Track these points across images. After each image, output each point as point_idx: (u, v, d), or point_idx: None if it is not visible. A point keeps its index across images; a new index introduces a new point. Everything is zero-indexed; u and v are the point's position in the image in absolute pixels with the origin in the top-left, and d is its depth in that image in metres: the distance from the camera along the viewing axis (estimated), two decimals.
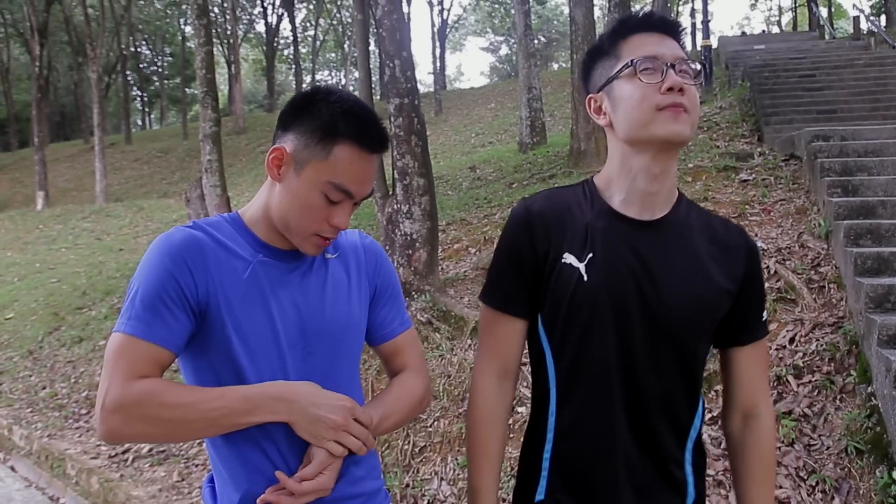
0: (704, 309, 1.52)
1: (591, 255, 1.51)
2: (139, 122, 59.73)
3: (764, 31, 41.88)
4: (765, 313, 1.64)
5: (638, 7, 46.23)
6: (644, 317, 1.50)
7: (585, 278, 1.50)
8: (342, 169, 1.50)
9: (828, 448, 4.01)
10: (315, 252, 1.60)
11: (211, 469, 1.67)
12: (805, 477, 3.87)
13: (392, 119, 6.42)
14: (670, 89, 1.45)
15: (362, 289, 1.72)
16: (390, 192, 6.73)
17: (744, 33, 34.84)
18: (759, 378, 1.65)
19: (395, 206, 6.45)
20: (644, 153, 1.50)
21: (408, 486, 4.62)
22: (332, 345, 1.63)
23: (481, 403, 1.65)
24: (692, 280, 1.51)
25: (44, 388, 8.34)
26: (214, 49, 13.09)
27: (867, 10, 30.77)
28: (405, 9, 35.43)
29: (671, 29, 1.54)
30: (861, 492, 3.75)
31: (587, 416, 1.54)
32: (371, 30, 13.22)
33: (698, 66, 1.51)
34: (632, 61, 1.48)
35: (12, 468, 6.80)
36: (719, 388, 4.54)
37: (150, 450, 6.00)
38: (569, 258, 1.52)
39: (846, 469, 3.87)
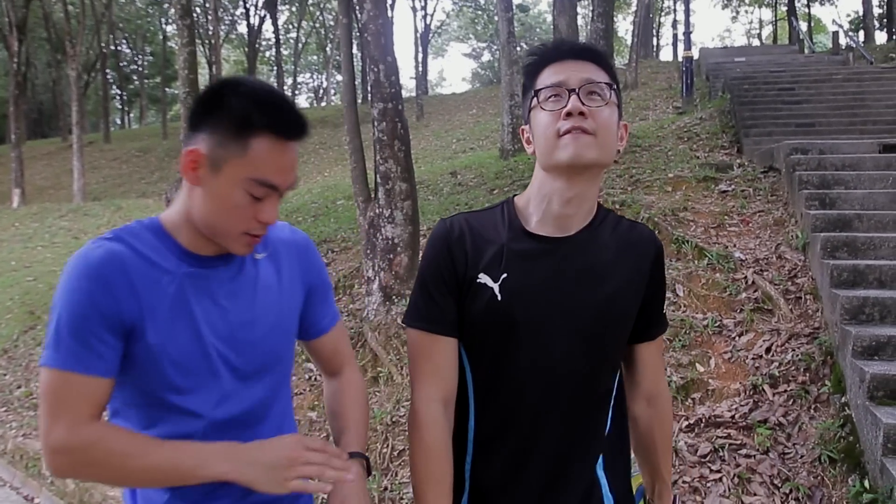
0: (617, 314, 1.57)
1: (504, 275, 1.53)
2: (118, 121, 59.22)
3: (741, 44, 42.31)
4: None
5: (620, 17, 46.59)
6: (558, 330, 1.53)
7: (499, 297, 1.52)
8: (262, 163, 1.40)
9: (802, 457, 4.06)
10: (246, 251, 1.52)
11: None
12: (779, 485, 3.92)
13: (376, 123, 6.43)
14: (569, 114, 1.47)
15: (294, 288, 1.67)
16: (372, 197, 6.74)
17: (726, 46, 35.18)
18: (659, 366, 1.80)
19: (377, 211, 6.46)
20: (558, 178, 1.53)
21: (386, 489, 4.62)
22: (265, 356, 1.59)
23: (432, 433, 1.56)
24: (603, 289, 1.55)
25: (19, 387, 8.25)
26: (196, 49, 13.02)
27: (846, 26, 31.23)
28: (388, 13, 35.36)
29: (585, 54, 1.55)
30: (833, 500, 3.81)
31: (503, 429, 1.57)
32: (355, 34, 13.22)
33: (608, 90, 1.52)
34: (535, 91, 1.54)
35: None
36: (696, 395, 4.59)
37: None
38: (483, 278, 1.54)
39: (819, 477, 3.93)
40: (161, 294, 1.45)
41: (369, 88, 6.57)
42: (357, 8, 6.77)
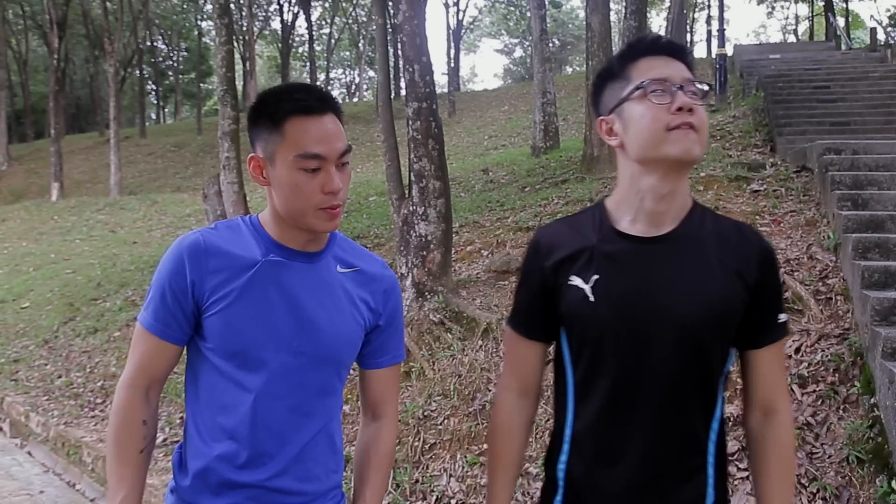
0: (715, 317, 1.54)
1: (596, 276, 1.57)
2: (153, 116, 59.97)
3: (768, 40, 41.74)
4: (783, 315, 1.64)
5: (654, 13, 46.17)
6: (652, 331, 1.54)
7: (591, 298, 1.56)
8: (299, 139, 1.61)
9: (829, 456, 4.09)
10: (331, 226, 1.68)
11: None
12: (806, 484, 3.95)
13: (410, 122, 6.53)
14: (680, 109, 1.49)
15: (368, 310, 1.80)
16: (406, 194, 6.84)
17: (760, 43, 34.76)
18: (778, 377, 1.68)
19: (411, 208, 6.56)
20: (654, 173, 1.55)
21: (417, 481, 4.72)
22: (325, 355, 1.72)
23: (501, 417, 1.76)
24: (701, 289, 1.53)
25: (59, 376, 8.47)
26: (233, 48, 13.20)
27: (885, 21, 30.70)
28: None
29: (679, 52, 1.59)
30: (861, 500, 3.83)
31: (599, 429, 1.60)
32: (389, 33, 13.32)
33: (706, 87, 1.56)
34: (642, 83, 1.54)
35: (29, 453, 6.94)
36: (725, 393, 4.63)
37: (165, 440, 6.12)
38: (575, 280, 1.59)
39: (847, 478, 3.95)
40: (239, 274, 1.68)
41: (402, 86, 6.67)
42: (392, 8, 6.86)
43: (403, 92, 6.66)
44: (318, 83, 44.05)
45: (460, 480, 4.62)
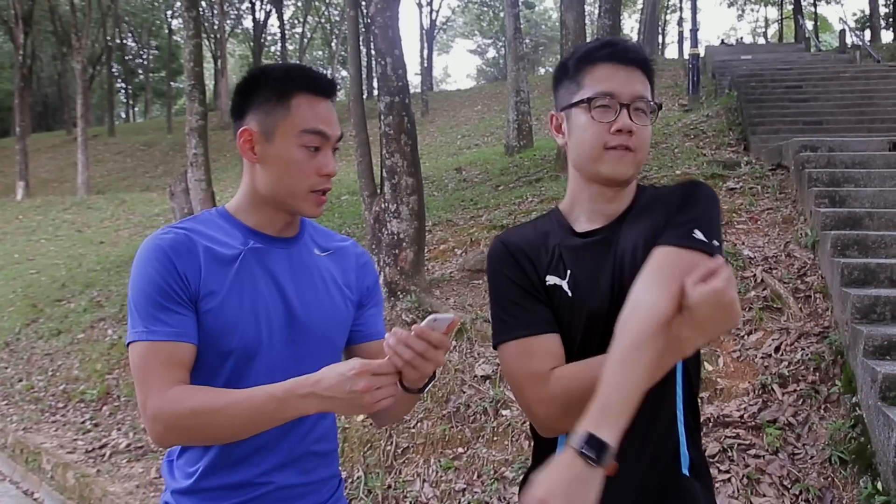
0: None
1: (569, 271, 1.56)
2: (123, 115, 59.27)
3: (731, 39, 42.08)
4: (698, 232, 1.45)
5: (626, 14, 46.50)
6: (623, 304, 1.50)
7: (570, 294, 1.55)
8: (307, 114, 1.59)
9: (812, 457, 4.01)
10: (317, 211, 1.65)
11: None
12: (789, 486, 3.87)
13: (382, 117, 6.38)
14: (619, 131, 1.50)
15: (351, 290, 1.78)
16: (378, 191, 6.69)
17: (723, 42, 35.00)
18: (660, 266, 1.45)
19: (383, 205, 6.42)
20: (592, 184, 1.58)
21: (389, 487, 4.58)
22: (317, 335, 1.67)
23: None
24: (645, 245, 1.51)
25: (20, 380, 8.23)
26: (202, 43, 12.97)
27: (852, 24, 31.08)
28: None
29: (638, 62, 1.56)
30: (844, 502, 3.76)
31: None
32: (361, 27, 13.17)
33: (655, 105, 1.55)
34: (589, 98, 1.53)
35: None
36: (704, 394, 4.55)
37: (128, 445, 5.94)
38: (551, 279, 1.57)
39: (830, 479, 3.88)
40: (224, 268, 1.59)
41: (375, 83, 6.53)
42: (364, 1, 6.72)
43: (376, 90, 6.53)
44: None
45: (434, 485, 4.48)
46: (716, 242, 1.46)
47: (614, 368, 1.33)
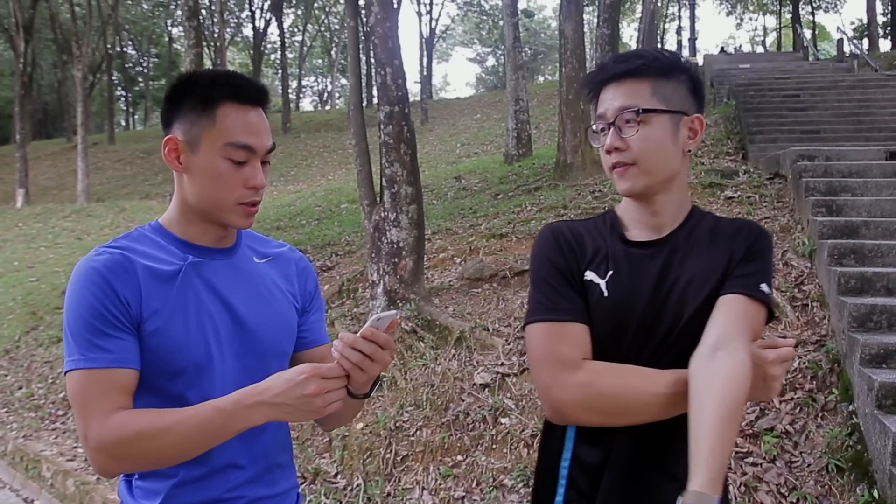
0: (708, 300, 1.54)
1: (611, 272, 1.60)
2: (123, 123, 59.32)
3: (730, 47, 42.26)
4: (764, 286, 1.54)
5: (625, 23, 46.58)
6: (657, 323, 1.55)
7: (605, 294, 1.58)
8: (232, 127, 1.52)
9: (809, 465, 4.03)
10: (246, 223, 1.60)
11: None
12: (786, 493, 3.88)
13: (382, 126, 6.42)
14: (608, 152, 1.58)
15: (295, 296, 1.75)
16: (378, 200, 6.72)
17: (723, 50, 35.10)
18: (731, 319, 1.51)
19: (383, 214, 6.44)
20: (626, 201, 1.67)
21: (389, 495, 4.60)
22: (267, 344, 1.64)
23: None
24: (696, 280, 1.56)
25: (20, 388, 8.24)
26: (202, 51, 13.01)
27: (850, 34, 31.18)
28: None
29: (624, 74, 1.58)
30: None
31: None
32: (361, 37, 13.23)
33: (637, 111, 1.54)
34: (588, 128, 1.65)
35: None
36: None
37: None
38: (590, 275, 1.61)
39: (827, 486, 3.90)
40: (165, 285, 1.53)
41: (375, 92, 6.57)
42: (364, 11, 6.76)
43: (375, 99, 6.56)
44: (290, 91, 43.91)
45: (433, 493, 4.50)
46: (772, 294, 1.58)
47: (720, 428, 1.35)
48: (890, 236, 5.60)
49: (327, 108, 51.95)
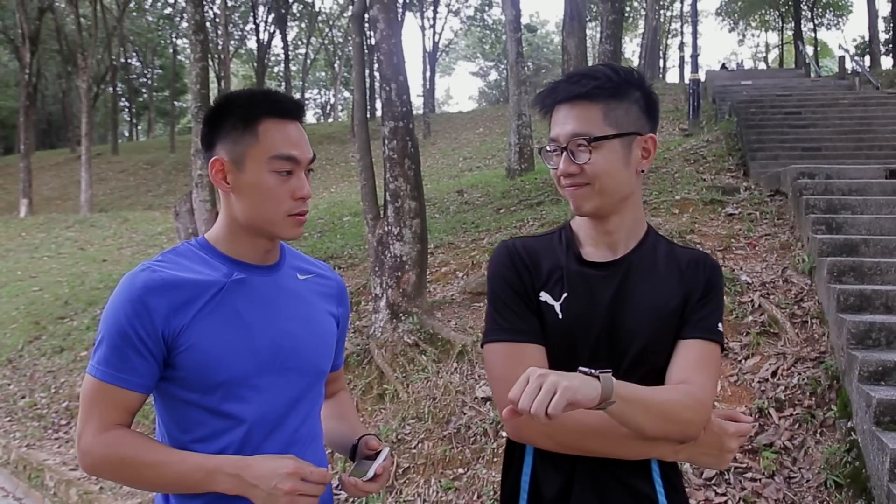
0: (664, 330, 1.60)
1: (565, 294, 1.62)
2: (126, 134, 59.46)
3: (731, 63, 42.36)
4: (720, 325, 1.65)
5: (627, 39, 46.74)
6: (611, 348, 1.59)
7: (560, 316, 1.60)
8: (275, 141, 1.58)
9: (807, 481, 4.06)
10: (297, 233, 1.65)
11: None
12: None
13: (386, 141, 6.48)
14: (561, 176, 1.59)
15: (334, 316, 1.81)
16: (381, 214, 6.78)
17: (724, 66, 35.24)
18: (690, 363, 1.61)
19: (386, 228, 6.49)
20: (580, 217, 1.68)
21: None
22: (307, 361, 1.68)
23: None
24: (652, 307, 1.60)
25: (23, 397, 8.27)
26: (208, 65, 13.09)
27: (852, 51, 31.33)
28: None
29: (582, 96, 1.57)
30: None
31: None
32: (365, 51, 13.29)
33: (587, 139, 1.54)
34: (542, 149, 1.66)
35: None
36: None
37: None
38: (545, 296, 1.62)
39: (825, 502, 3.92)
40: (207, 301, 1.57)
41: (378, 106, 6.63)
42: (369, 27, 6.83)
43: (379, 112, 6.62)
44: None
45: None
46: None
47: (650, 395, 1.47)
48: (889, 254, 5.64)
49: (330, 120, 52.07)
